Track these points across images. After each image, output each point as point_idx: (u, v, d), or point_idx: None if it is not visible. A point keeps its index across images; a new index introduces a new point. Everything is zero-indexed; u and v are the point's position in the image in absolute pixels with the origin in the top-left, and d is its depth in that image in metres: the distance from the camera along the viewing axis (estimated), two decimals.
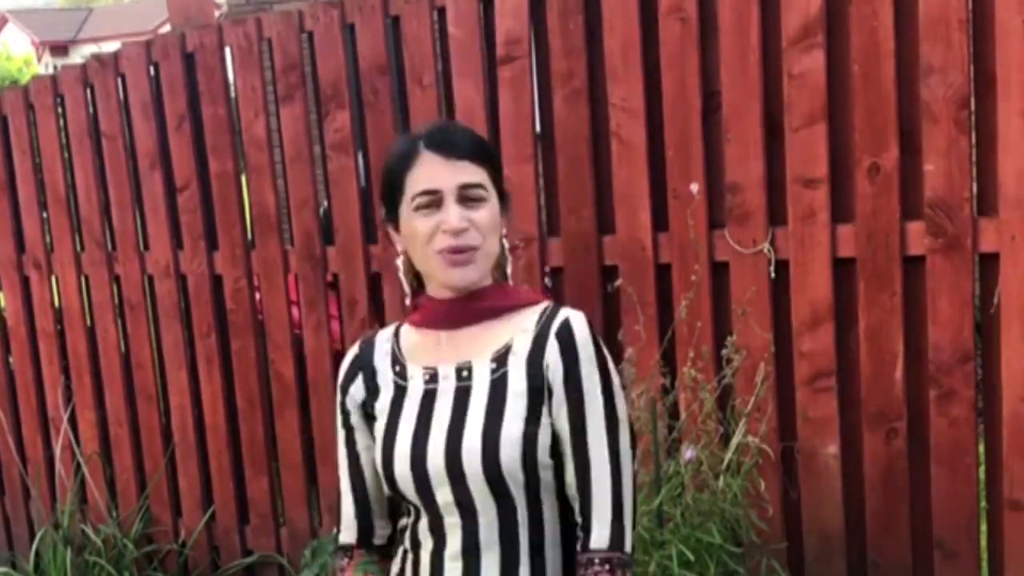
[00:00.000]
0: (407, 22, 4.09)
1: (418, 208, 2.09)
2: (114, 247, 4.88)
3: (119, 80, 4.72)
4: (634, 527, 2.08)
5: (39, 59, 38.61)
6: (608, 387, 2.07)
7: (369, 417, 2.20)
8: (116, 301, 4.92)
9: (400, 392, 2.17)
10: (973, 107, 3.40)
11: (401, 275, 2.22)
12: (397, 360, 2.20)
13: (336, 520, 2.29)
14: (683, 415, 3.65)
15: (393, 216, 2.16)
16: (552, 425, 2.06)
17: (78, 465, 5.07)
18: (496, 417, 2.05)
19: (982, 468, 3.58)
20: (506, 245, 2.18)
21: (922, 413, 3.53)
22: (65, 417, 5.07)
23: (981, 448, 3.57)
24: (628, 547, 2.05)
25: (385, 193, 2.17)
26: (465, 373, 2.11)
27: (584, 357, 2.06)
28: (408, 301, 2.24)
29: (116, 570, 4.80)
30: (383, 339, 2.24)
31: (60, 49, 41.98)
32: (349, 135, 4.22)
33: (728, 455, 3.53)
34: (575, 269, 3.91)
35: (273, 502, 4.72)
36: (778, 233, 3.62)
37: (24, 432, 5.33)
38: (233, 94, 4.54)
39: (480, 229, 2.08)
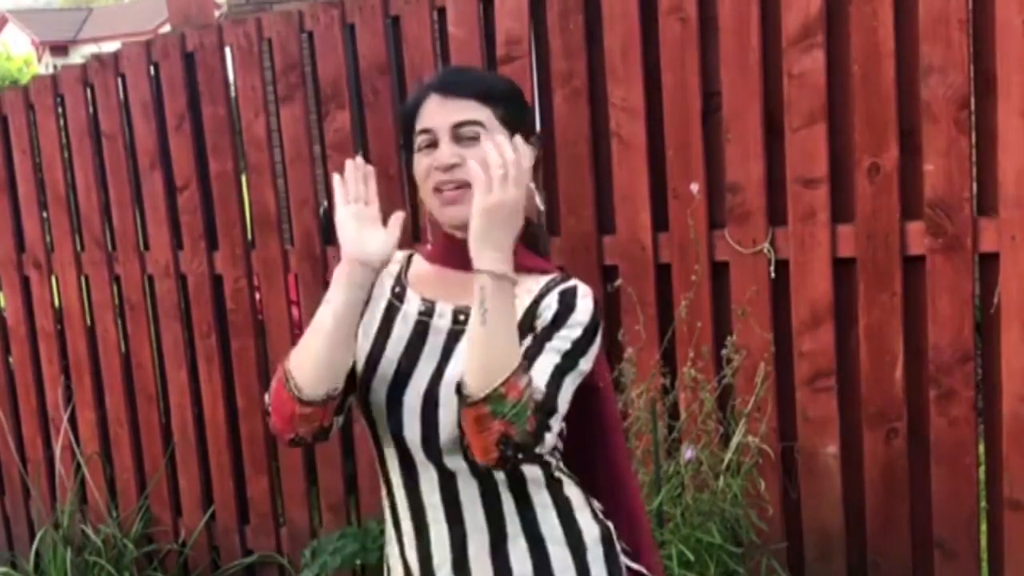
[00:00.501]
0: (407, 22, 4.09)
1: (419, 148, 2.12)
2: (114, 247, 4.87)
3: (119, 80, 4.72)
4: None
5: (39, 59, 38.62)
6: (580, 345, 2.03)
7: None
8: (116, 301, 4.91)
9: (391, 311, 2.18)
10: (973, 107, 3.40)
11: (428, 223, 2.23)
12: (399, 282, 2.22)
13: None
14: (683, 415, 3.66)
15: (409, 161, 2.18)
16: None
17: (78, 465, 5.07)
18: None
19: (982, 468, 3.58)
20: (532, 186, 2.13)
21: (922, 413, 3.54)
22: (65, 417, 5.07)
23: (981, 448, 3.57)
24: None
25: (403, 138, 2.20)
26: (462, 317, 2.10)
27: (577, 312, 2.04)
28: (429, 236, 2.24)
29: (116, 570, 4.79)
30: (396, 257, 2.23)
31: (60, 49, 41.98)
32: (349, 135, 4.22)
33: (728, 455, 3.53)
34: (575, 269, 3.85)
35: (273, 502, 4.72)
36: (778, 233, 3.62)
37: (24, 432, 5.32)
38: (233, 94, 4.54)
39: (471, 165, 2.02)
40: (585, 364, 2.05)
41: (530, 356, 1.98)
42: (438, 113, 2.11)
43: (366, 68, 4.18)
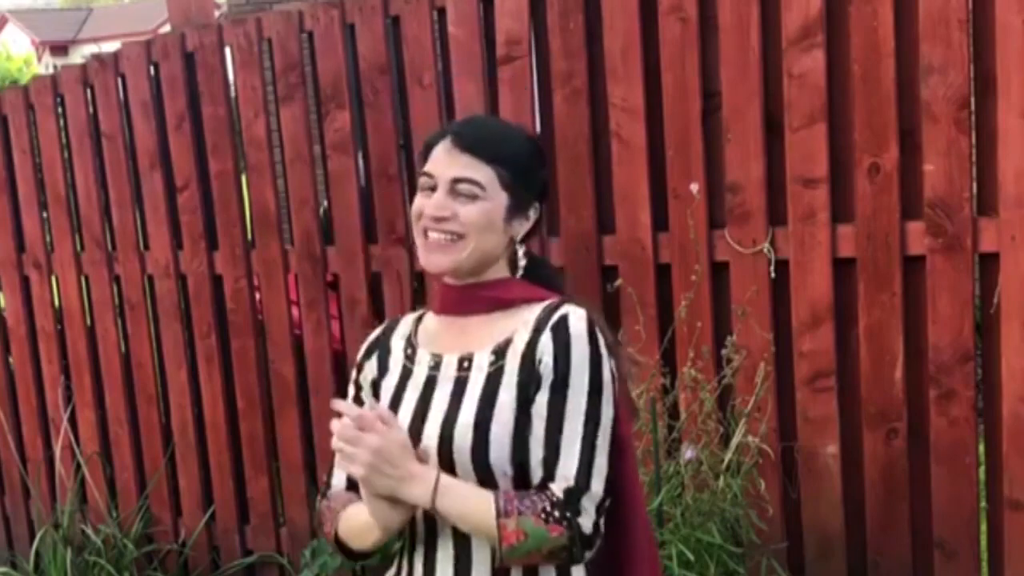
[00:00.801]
0: (407, 22, 4.08)
1: (421, 188, 2.17)
2: (114, 247, 4.87)
3: (119, 80, 4.71)
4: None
5: (39, 59, 38.50)
6: (596, 388, 2.06)
7: (376, 396, 2.25)
8: (116, 301, 4.91)
9: (406, 375, 2.21)
10: (973, 107, 3.40)
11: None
12: (411, 343, 2.25)
13: (328, 478, 2.36)
14: (683, 415, 3.65)
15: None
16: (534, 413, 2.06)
17: (78, 465, 5.06)
18: (487, 411, 2.06)
19: (982, 468, 3.57)
20: (520, 250, 2.21)
21: (922, 413, 3.53)
22: (65, 417, 5.06)
23: (981, 448, 3.56)
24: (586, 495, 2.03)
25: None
26: (466, 364, 2.13)
27: (576, 354, 2.06)
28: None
29: (116, 570, 4.78)
30: (407, 321, 2.30)
31: (60, 49, 41.89)
32: (349, 135, 4.21)
33: (728, 455, 3.52)
34: (575, 269, 3.90)
35: (273, 502, 4.71)
36: (778, 233, 3.61)
37: (24, 432, 5.31)
38: (233, 94, 4.53)
39: (463, 223, 2.11)
40: (607, 409, 2.07)
41: (552, 440, 2.03)
42: (443, 162, 2.14)
43: (366, 68, 4.17)
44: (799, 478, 3.70)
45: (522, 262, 2.22)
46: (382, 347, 2.28)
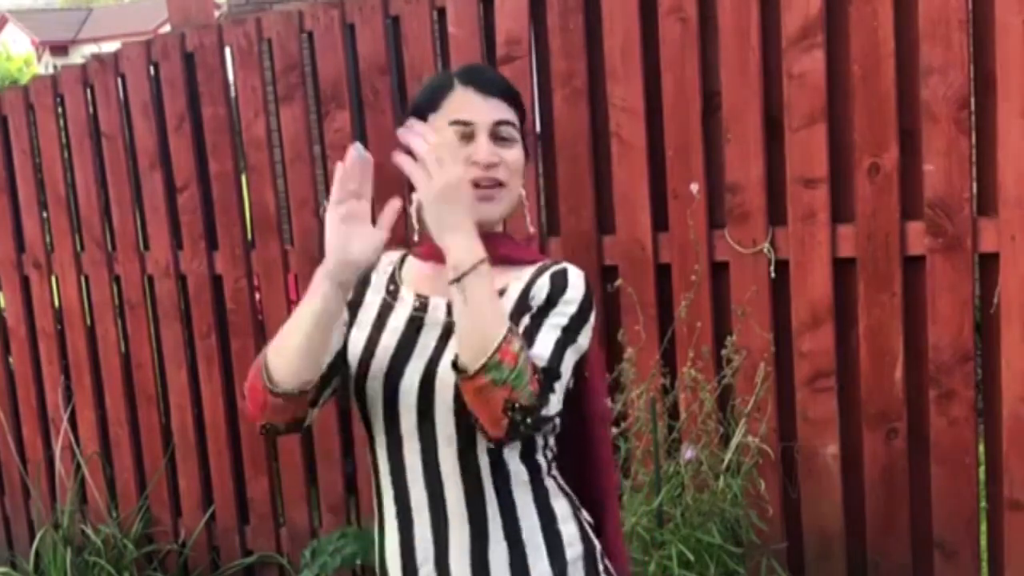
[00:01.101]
0: (407, 22, 4.07)
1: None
2: (114, 247, 4.85)
3: (119, 80, 4.70)
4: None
5: (39, 59, 38.45)
6: (582, 314, 2.05)
7: (353, 310, 2.18)
8: (116, 301, 4.89)
9: (386, 308, 2.17)
10: (973, 107, 3.39)
11: (413, 209, 2.14)
12: (393, 280, 2.21)
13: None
14: (683, 415, 3.64)
15: None
16: None
17: (78, 465, 5.04)
18: None
19: (982, 468, 3.57)
20: (523, 194, 2.16)
21: (922, 413, 3.53)
22: (65, 417, 5.04)
23: (981, 448, 3.56)
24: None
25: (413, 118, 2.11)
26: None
27: (570, 290, 2.05)
28: (416, 236, 2.17)
29: (116, 570, 4.76)
30: (387, 260, 2.23)
31: (60, 49, 41.80)
32: (349, 135, 4.19)
33: (728, 455, 3.52)
34: None
35: (273, 502, 4.71)
36: (778, 233, 3.61)
37: (24, 432, 5.30)
38: (233, 94, 4.52)
39: (509, 168, 2.09)
40: (583, 339, 2.07)
41: (529, 333, 1.99)
42: (478, 107, 2.09)
43: (366, 68, 4.16)
44: (799, 478, 3.69)
45: (525, 204, 2.18)
46: (367, 271, 2.16)
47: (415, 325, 2.13)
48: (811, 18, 3.47)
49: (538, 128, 3.93)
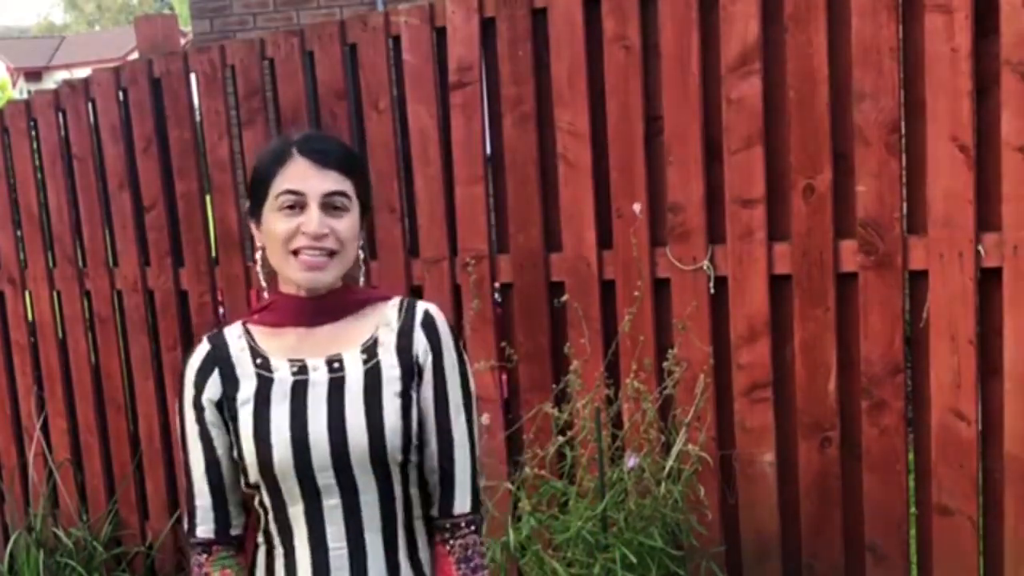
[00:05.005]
0: (363, 50, 3.85)
1: (281, 208, 1.95)
2: (85, 263, 4.60)
3: (90, 104, 4.45)
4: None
5: (14, 84, 37.61)
6: (464, 373, 2.05)
7: (226, 411, 1.98)
8: (86, 315, 4.64)
9: (265, 383, 1.98)
10: (903, 131, 3.21)
11: (259, 269, 2.05)
12: (258, 354, 2.00)
13: (190, 518, 2.05)
14: (626, 424, 3.45)
15: (257, 213, 2.01)
16: (419, 404, 2.00)
17: (50, 471, 4.79)
18: (376, 403, 1.95)
19: (911, 475, 3.39)
20: (361, 255, 2.06)
21: (854, 423, 3.33)
22: (38, 425, 4.79)
23: (911, 456, 3.38)
24: (480, 508, 2.08)
25: (252, 189, 2.01)
26: (336, 364, 1.98)
27: (446, 345, 2.03)
28: (266, 295, 2.05)
29: (86, 571, 4.55)
30: (234, 336, 2.03)
31: (34, 75, 40.86)
32: None
33: (669, 463, 3.34)
34: (523, 285, 3.70)
35: None
36: (717, 251, 3.41)
37: None
38: (198, 118, 4.29)
39: (339, 237, 1.96)
40: (473, 392, 2.09)
41: (442, 428, 2.01)
42: (310, 178, 1.95)
43: (324, 93, 3.94)
44: (737, 485, 3.49)
45: (362, 268, 2.08)
46: (222, 363, 2.00)
47: (300, 390, 1.97)
48: (749, 45, 3.28)
49: (489, 150, 3.75)
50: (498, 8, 3.62)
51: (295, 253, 1.95)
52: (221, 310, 4.34)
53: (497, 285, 3.80)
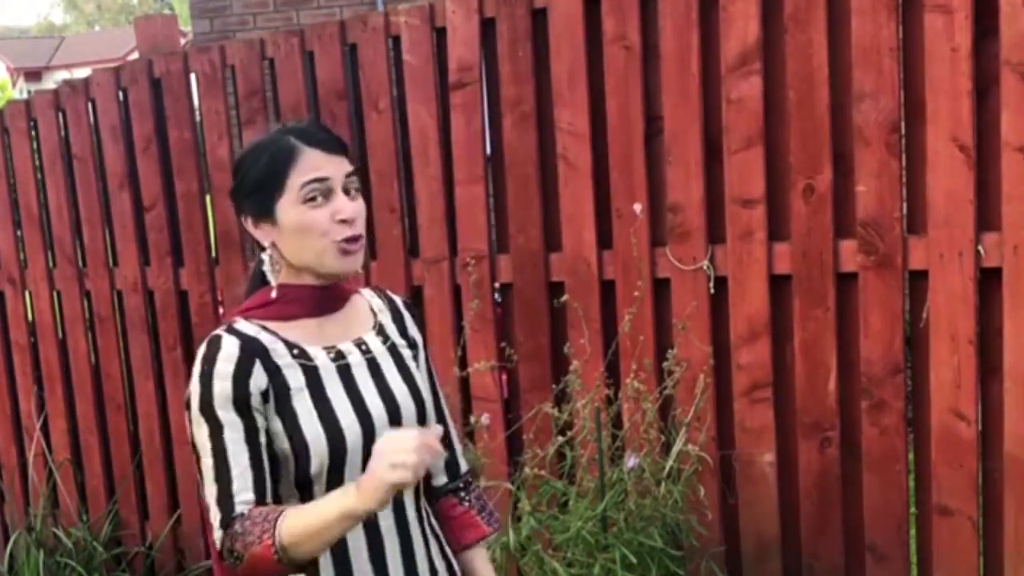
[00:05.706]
0: (363, 50, 3.83)
1: (305, 200, 1.93)
2: (84, 263, 4.57)
3: (90, 105, 4.43)
4: None
5: (14, 84, 37.31)
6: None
7: (274, 403, 1.93)
8: (86, 315, 4.61)
9: (311, 371, 1.96)
10: (903, 131, 3.19)
11: (267, 267, 2.01)
12: (292, 345, 1.97)
13: (224, 510, 1.93)
14: (626, 424, 3.43)
15: (265, 211, 1.96)
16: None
17: (50, 471, 4.77)
18: (408, 376, 2.06)
19: (912, 475, 3.36)
20: None
21: (854, 423, 3.31)
22: (38, 425, 4.76)
23: (911, 456, 3.35)
24: None
25: (256, 187, 1.96)
26: (364, 347, 2.04)
27: (419, 327, 2.20)
28: (274, 294, 2.00)
29: (86, 571, 4.52)
30: (252, 331, 1.97)
31: (34, 75, 40.65)
32: None
33: (669, 463, 3.32)
34: (523, 285, 3.68)
35: None
36: (717, 251, 3.39)
37: None
38: (198, 118, 4.27)
39: (361, 218, 1.99)
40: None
41: (437, 400, 2.19)
42: (327, 164, 1.95)
43: (324, 93, 3.92)
44: (737, 485, 3.47)
45: None
46: (260, 355, 1.93)
47: (346, 374, 1.99)
48: (749, 46, 3.26)
49: (488, 150, 3.73)
50: (498, 8, 3.60)
51: (336, 243, 1.94)
52: (221, 310, 4.32)
53: (497, 285, 3.78)
